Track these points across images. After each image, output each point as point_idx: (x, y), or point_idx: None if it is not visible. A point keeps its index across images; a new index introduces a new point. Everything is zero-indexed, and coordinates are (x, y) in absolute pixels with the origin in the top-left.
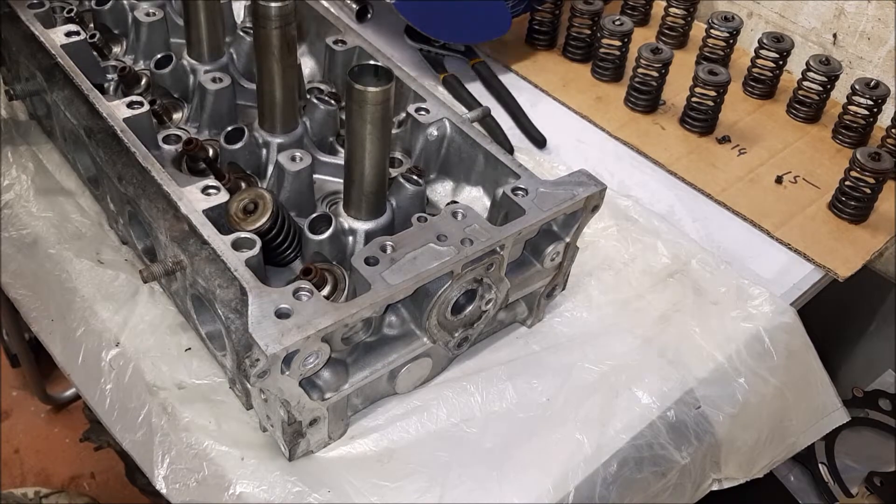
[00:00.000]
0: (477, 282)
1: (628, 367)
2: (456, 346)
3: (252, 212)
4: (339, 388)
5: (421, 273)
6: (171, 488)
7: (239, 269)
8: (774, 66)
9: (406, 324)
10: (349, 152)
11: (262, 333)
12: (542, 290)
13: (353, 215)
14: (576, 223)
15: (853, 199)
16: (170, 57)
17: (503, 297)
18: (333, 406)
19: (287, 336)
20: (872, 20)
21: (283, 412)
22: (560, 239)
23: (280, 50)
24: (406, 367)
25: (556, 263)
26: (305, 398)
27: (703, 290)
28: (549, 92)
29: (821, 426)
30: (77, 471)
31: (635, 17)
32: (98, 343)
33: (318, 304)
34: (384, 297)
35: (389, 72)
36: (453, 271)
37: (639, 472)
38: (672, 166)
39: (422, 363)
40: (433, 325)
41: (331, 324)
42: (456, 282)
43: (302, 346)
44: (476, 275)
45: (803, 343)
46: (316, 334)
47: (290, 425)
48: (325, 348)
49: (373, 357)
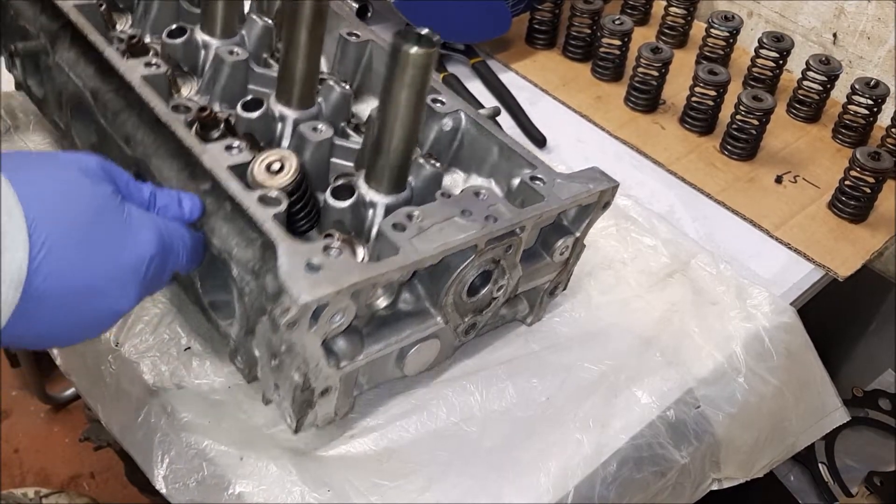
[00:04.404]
0: (494, 263)
1: (628, 367)
2: (464, 332)
3: (277, 171)
4: (354, 358)
5: (448, 242)
6: (171, 488)
7: (267, 223)
8: (774, 65)
9: (421, 301)
10: (382, 118)
11: (295, 282)
12: (547, 286)
13: (375, 187)
14: (587, 218)
15: (853, 199)
16: (183, 29)
17: (514, 284)
18: (346, 377)
19: (319, 287)
20: (872, 20)
21: (297, 376)
22: (570, 233)
23: (311, 20)
24: (416, 346)
25: (564, 258)
26: (324, 362)
27: (702, 289)
28: (548, 91)
29: (821, 426)
30: (77, 471)
31: (635, 17)
32: (97, 343)
33: (348, 261)
34: (413, 260)
35: (433, 40)
36: (477, 245)
37: (638, 472)
38: (672, 166)
39: (431, 345)
40: (449, 303)
41: (361, 279)
42: (478, 258)
43: (332, 301)
44: (495, 255)
45: (803, 343)
46: (346, 289)
47: (302, 392)
48: (352, 307)
49: (387, 330)
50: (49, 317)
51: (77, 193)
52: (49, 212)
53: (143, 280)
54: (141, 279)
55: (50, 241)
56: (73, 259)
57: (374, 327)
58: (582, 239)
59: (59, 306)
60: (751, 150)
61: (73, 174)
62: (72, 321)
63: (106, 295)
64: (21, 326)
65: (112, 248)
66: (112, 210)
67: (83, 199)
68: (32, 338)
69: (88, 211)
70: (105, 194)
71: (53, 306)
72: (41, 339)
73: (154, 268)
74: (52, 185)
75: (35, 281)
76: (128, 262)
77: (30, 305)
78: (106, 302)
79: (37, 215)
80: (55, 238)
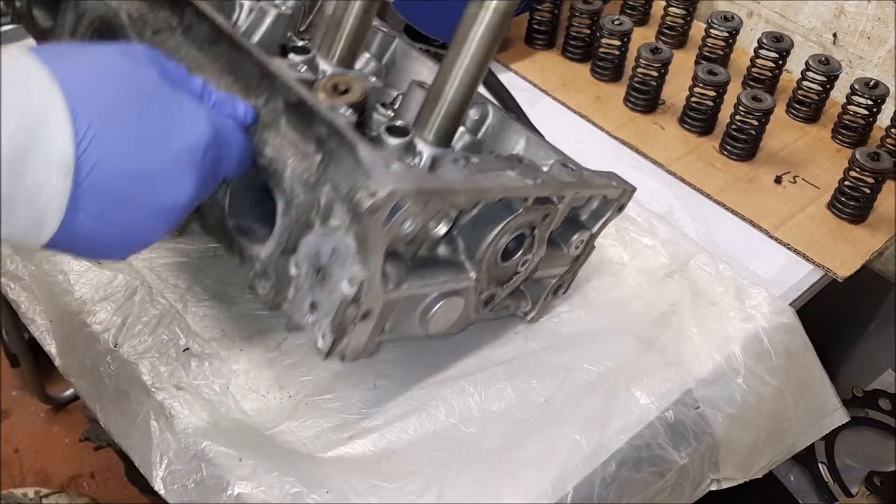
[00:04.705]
0: (530, 229)
1: (627, 368)
2: (483, 302)
3: (343, 92)
4: (399, 285)
5: (505, 183)
6: (170, 489)
7: (343, 126)
8: (774, 65)
9: (458, 254)
10: (448, 60)
11: (380, 173)
12: (552, 283)
13: (422, 136)
14: (603, 216)
15: (852, 199)
16: None
17: (535, 264)
18: (385, 306)
19: (403, 182)
20: (872, 20)
21: (348, 287)
22: (587, 228)
23: None
24: (443, 302)
25: (577, 254)
26: (378, 277)
27: (701, 290)
28: (548, 91)
29: (820, 426)
30: (77, 471)
31: (635, 17)
32: (96, 344)
33: (423, 172)
34: (483, 187)
35: None
36: (528, 198)
37: (637, 473)
38: (671, 166)
39: (456, 304)
40: (486, 258)
41: (440, 186)
42: (524, 214)
43: (412, 200)
44: (534, 219)
45: (802, 343)
46: (426, 192)
47: (349, 305)
48: (421, 219)
49: (427, 271)
50: (102, 212)
51: (122, 77)
52: (93, 97)
53: (199, 169)
54: (197, 167)
55: (95, 127)
56: (122, 145)
57: (415, 265)
58: (596, 237)
59: (112, 198)
60: (750, 151)
61: (117, 59)
62: (127, 217)
63: (161, 184)
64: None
65: (163, 133)
66: (161, 94)
67: (130, 83)
68: (84, 240)
69: (136, 95)
70: (152, 78)
71: (105, 199)
72: (93, 244)
73: (210, 160)
74: (94, 70)
75: (83, 170)
76: (181, 148)
77: (80, 199)
78: (162, 193)
79: (79, 101)
80: (101, 123)
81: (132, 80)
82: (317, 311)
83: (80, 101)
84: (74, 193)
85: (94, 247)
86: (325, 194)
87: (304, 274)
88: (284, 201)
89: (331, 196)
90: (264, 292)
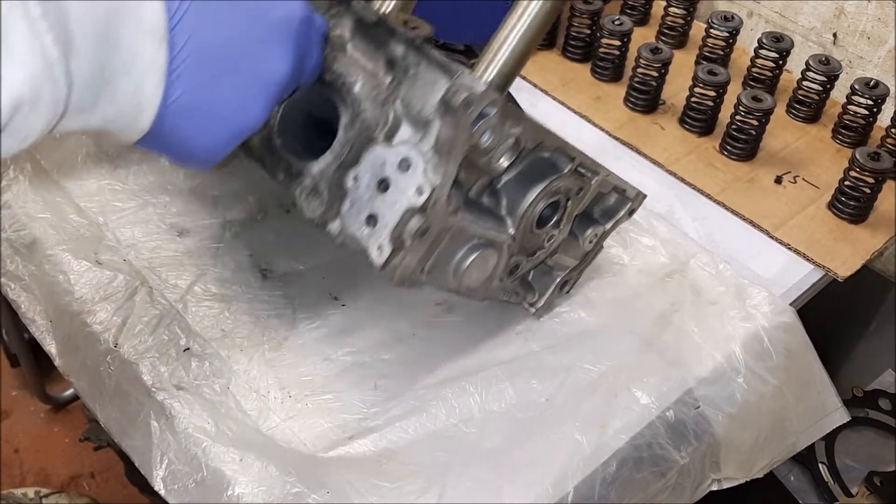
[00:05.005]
0: (566, 199)
1: (627, 367)
2: (509, 270)
3: (414, 28)
4: (456, 212)
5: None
6: (170, 489)
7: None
8: (774, 65)
9: (499, 208)
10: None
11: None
12: (562, 276)
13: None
14: (615, 216)
15: (853, 199)
16: None
17: (559, 243)
18: (440, 232)
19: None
20: (872, 20)
21: (416, 195)
22: (601, 224)
23: None
24: (480, 252)
25: (588, 249)
26: (448, 188)
27: (701, 289)
28: (548, 91)
29: (821, 426)
30: (77, 471)
31: (635, 17)
32: (96, 344)
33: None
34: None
35: None
36: (574, 157)
37: (638, 472)
38: (671, 166)
39: (490, 258)
40: (526, 215)
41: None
42: (566, 176)
43: (497, 110)
44: (572, 187)
45: (803, 343)
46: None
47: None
48: (498, 134)
49: (476, 212)
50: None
51: None
52: None
53: (295, 43)
54: (293, 40)
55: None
56: (219, 11)
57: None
58: (606, 236)
59: (210, 68)
60: (750, 151)
61: None
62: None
63: (260, 54)
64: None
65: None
66: None
67: None
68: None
69: None
70: None
71: (204, 69)
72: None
73: (303, 36)
74: None
75: (180, 38)
76: (280, 18)
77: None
78: (261, 63)
79: None
80: None
81: None
82: (375, 223)
83: None
84: (171, 64)
85: (190, 135)
86: (395, 111)
87: (365, 185)
88: (350, 115)
89: (400, 113)
90: (312, 208)
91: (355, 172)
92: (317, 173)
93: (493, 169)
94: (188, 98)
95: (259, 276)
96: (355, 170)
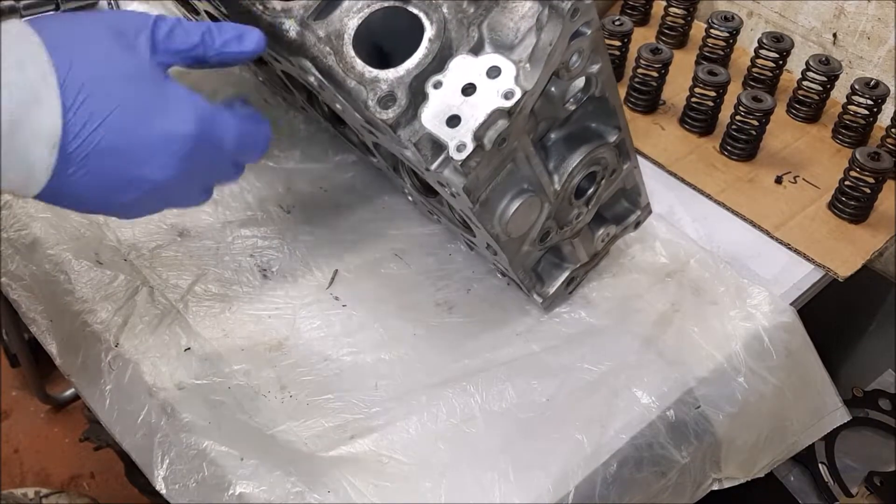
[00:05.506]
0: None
1: (627, 367)
2: (541, 237)
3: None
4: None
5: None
6: (171, 489)
7: None
8: (774, 65)
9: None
10: None
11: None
12: (570, 271)
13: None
14: (624, 221)
15: (853, 199)
16: None
17: (584, 224)
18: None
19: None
20: (872, 20)
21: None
22: (613, 225)
23: None
24: (526, 198)
25: (598, 249)
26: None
27: (702, 289)
28: None
29: (821, 426)
30: (77, 471)
31: (635, 17)
32: (97, 344)
33: None
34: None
35: None
36: (620, 127)
37: (639, 472)
38: (671, 166)
39: (534, 207)
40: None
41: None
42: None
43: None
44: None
45: (803, 342)
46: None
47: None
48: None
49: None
50: (87, 179)
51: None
52: (80, 76)
53: (183, 157)
54: (176, 155)
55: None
56: (106, 122)
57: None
58: (615, 240)
59: (96, 169)
60: (751, 151)
61: (107, 40)
62: (110, 185)
63: (142, 162)
64: (59, 184)
65: (146, 116)
66: (147, 80)
67: (117, 67)
68: (68, 198)
69: (121, 77)
70: (139, 64)
71: (90, 168)
72: (76, 202)
73: (196, 151)
74: (83, 49)
75: (69, 143)
76: (162, 132)
77: (65, 166)
78: (142, 169)
79: (68, 79)
80: (87, 101)
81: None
82: (458, 122)
83: (71, 79)
84: (59, 162)
85: (76, 205)
86: (480, 32)
87: (450, 90)
88: (436, 29)
89: (485, 35)
90: (386, 112)
91: (437, 78)
92: (394, 80)
93: (560, 112)
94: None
95: (259, 276)
96: (437, 76)
